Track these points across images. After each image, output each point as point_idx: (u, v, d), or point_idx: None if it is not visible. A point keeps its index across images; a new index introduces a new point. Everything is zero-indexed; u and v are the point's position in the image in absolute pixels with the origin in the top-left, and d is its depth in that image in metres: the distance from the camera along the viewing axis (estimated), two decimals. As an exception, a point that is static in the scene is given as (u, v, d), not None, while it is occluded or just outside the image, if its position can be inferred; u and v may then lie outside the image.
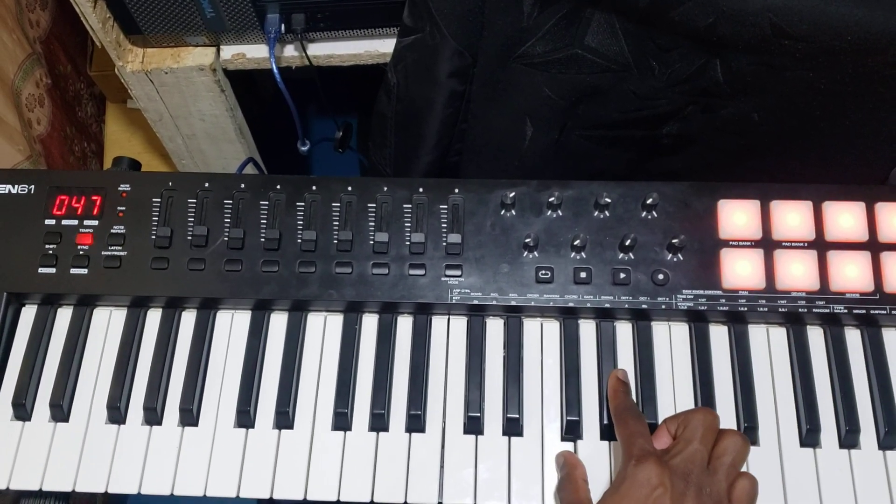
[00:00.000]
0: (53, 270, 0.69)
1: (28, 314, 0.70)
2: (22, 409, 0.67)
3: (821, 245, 0.68)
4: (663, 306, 0.67)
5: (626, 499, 0.55)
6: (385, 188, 0.71)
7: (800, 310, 0.67)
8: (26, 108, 1.12)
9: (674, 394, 0.66)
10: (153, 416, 0.66)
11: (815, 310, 0.67)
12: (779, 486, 0.63)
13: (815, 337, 0.68)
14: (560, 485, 0.62)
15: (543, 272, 0.68)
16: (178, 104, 0.96)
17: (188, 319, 0.70)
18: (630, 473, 0.56)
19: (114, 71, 0.93)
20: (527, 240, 0.68)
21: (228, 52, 0.91)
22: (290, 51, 0.91)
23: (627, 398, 0.63)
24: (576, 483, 0.61)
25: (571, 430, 0.65)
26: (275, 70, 0.85)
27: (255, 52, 0.91)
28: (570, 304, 0.67)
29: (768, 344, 0.68)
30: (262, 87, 1.37)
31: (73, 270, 0.69)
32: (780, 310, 0.67)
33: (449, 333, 0.69)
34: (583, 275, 0.68)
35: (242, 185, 0.71)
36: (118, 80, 0.96)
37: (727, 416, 0.65)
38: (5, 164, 1.02)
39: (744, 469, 0.59)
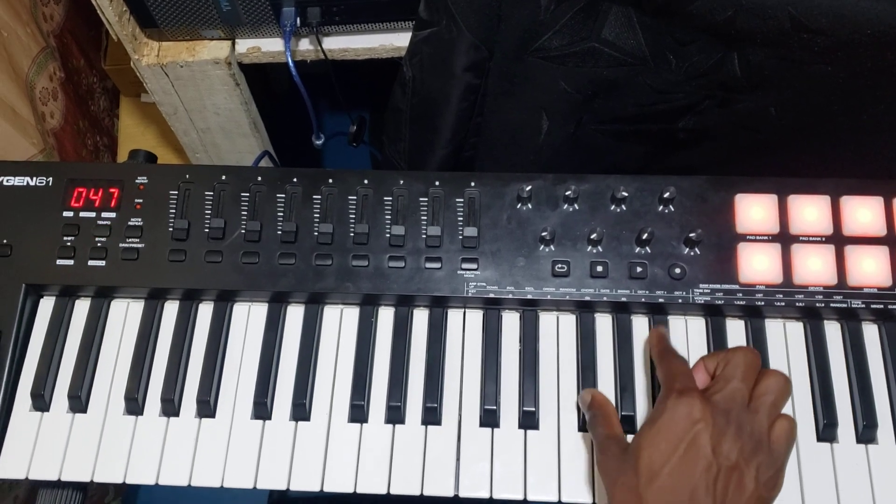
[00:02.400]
0: (71, 262, 0.70)
1: (46, 306, 0.71)
2: (40, 400, 0.67)
3: (838, 240, 0.68)
4: (680, 300, 0.67)
5: (665, 431, 0.55)
6: (401, 181, 0.71)
7: (817, 304, 0.67)
8: (40, 101, 1.13)
9: (690, 388, 0.66)
10: (170, 407, 0.67)
11: (832, 305, 0.66)
12: (796, 481, 0.63)
13: (833, 332, 0.68)
14: (593, 420, 0.61)
15: (560, 266, 0.68)
16: (192, 98, 0.97)
17: (205, 311, 0.70)
18: (670, 406, 0.55)
19: (128, 65, 0.94)
20: (543, 233, 0.68)
21: (244, 45, 0.91)
22: (305, 44, 0.91)
23: (669, 344, 0.63)
24: (610, 418, 0.61)
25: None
26: (290, 63, 0.86)
27: (270, 46, 0.91)
28: (587, 298, 0.67)
29: (785, 339, 0.68)
30: (276, 81, 1.37)
31: (90, 262, 0.70)
32: (797, 304, 0.67)
33: (465, 327, 0.69)
34: (599, 268, 0.68)
35: (259, 178, 0.72)
36: (132, 74, 0.96)
37: (744, 410, 0.65)
38: (20, 158, 1.03)
39: None
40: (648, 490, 0.54)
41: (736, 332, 0.68)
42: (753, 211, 0.69)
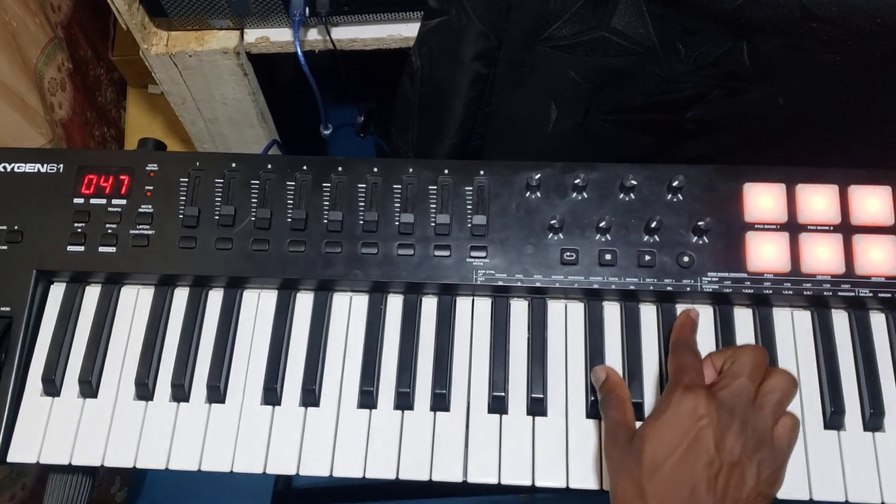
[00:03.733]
0: (82, 249, 0.70)
1: (57, 292, 0.71)
2: (51, 385, 0.67)
3: (846, 228, 0.68)
4: (688, 289, 0.67)
5: (669, 426, 0.55)
6: (410, 170, 0.71)
7: (825, 293, 0.67)
8: (48, 92, 1.13)
9: (698, 375, 0.66)
10: (180, 392, 0.67)
11: (840, 293, 0.67)
12: (803, 468, 0.63)
13: (840, 320, 0.68)
14: (606, 403, 0.61)
15: (568, 254, 0.68)
16: (201, 88, 0.97)
17: (215, 298, 0.71)
18: (675, 401, 0.56)
19: (135, 56, 0.94)
20: (552, 221, 0.68)
21: (252, 35, 0.92)
22: (313, 34, 0.91)
23: (691, 336, 0.63)
24: (623, 403, 0.61)
25: (596, 411, 0.65)
26: (299, 53, 0.86)
27: (278, 36, 0.91)
28: (595, 286, 0.68)
29: (793, 327, 0.68)
30: (283, 71, 1.37)
31: (101, 249, 0.70)
32: (804, 293, 0.67)
33: (473, 314, 0.70)
34: (608, 257, 0.68)
35: (269, 166, 0.72)
36: (139, 64, 0.97)
37: (751, 398, 0.65)
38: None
39: None
40: (650, 482, 0.54)
41: (744, 320, 0.68)
42: (762, 200, 0.69)
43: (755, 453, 0.55)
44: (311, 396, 0.66)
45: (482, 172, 0.71)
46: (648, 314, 0.69)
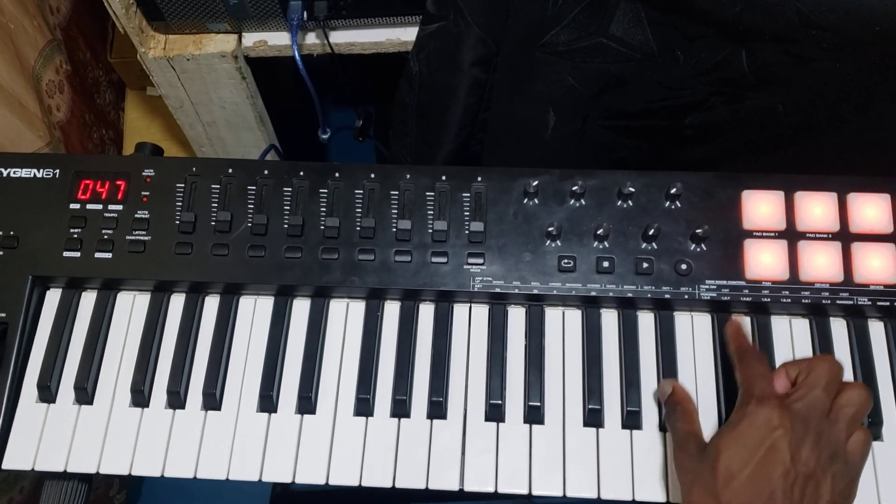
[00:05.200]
0: (78, 254, 0.70)
1: (53, 297, 0.71)
2: (47, 391, 0.67)
3: (845, 236, 0.68)
4: (686, 296, 0.67)
5: (744, 437, 0.55)
6: (408, 176, 0.71)
7: (823, 301, 0.66)
8: (46, 94, 1.13)
9: (696, 384, 0.66)
10: (176, 399, 0.67)
11: (838, 301, 0.66)
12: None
13: (839, 329, 0.68)
14: (673, 415, 0.61)
15: (566, 261, 0.68)
16: (199, 91, 0.97)
17: (211, 304, 0.71)
18: (750, 412, 0.56)
19: (134, 58, 0.94)
20: (549, 228, 0.68)
21: (250, 39, 0.91)
22: (311, 38, 0.91)
23: (747, 341, 0.63)
24: (691, 414, 0.61)
25: (593, 419, 0.65)
26: (297, 57, 0.86)
27: (276, 40, 0.91)
28: (593, 293, 0.67)
29: (791, 335, 0.68)
30: (281, 75, 1.37)
31: (97, 254, 0.70)
32: (803, 301, 0.67)
33: (471, 321, 0.69)
34: (605, 264, 0.68)
35: (266, 172, 0.72)
36: (138, 67, 0.96)
37: (749, 406, 0.65)
38: (26, 150, 1.03)
39: None
40: (726, 491, 0.54)
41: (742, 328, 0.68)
42: (760, 207, 0.69)
43: (829, 466, 0.55)
44: (307, 404, 0.66)
45: (480, 179, 0.71)
46: (646, 322, 0.69)
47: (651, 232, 0.67)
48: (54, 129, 1.13)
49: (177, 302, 0.71)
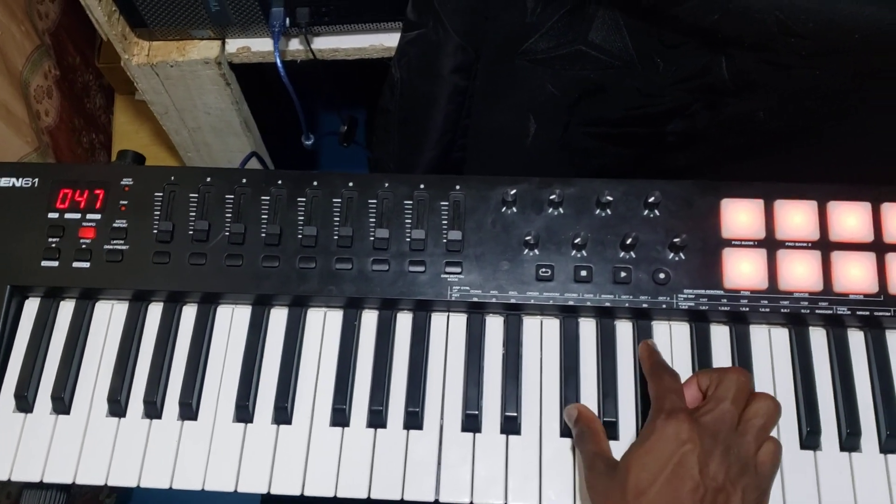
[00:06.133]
0: (56, 264, 0.70)
1: (31, 307, 0.71)
2: (24, 401, 0.67)
3: (825, 245, 0.67)
4: (664, 306, 0.66)
5: (653, 452, 0.55)
6: (386, 184, 0.71)
7: (802, 311, 0.66)
8: (34, 99, 1.13)
9: (673, 394, 0.66)
10: (153, 409, 0.67)
11: (817, 311, 0.66)
12: (778, 488, 0.63)
13: (818, 338, 0.67)
14: (581, 436, 0.61)
15: (544, 270, 0.67)
16: (183, 97, 0.97)
17: (189, 313, 0.70)
18: (659, 427, 0.56)
19: (121, 63, 0.94)
20: (527, 237, 0.67)
21: (233, 45, 0.91)
22: (294, 44, 0.91)
23: (661, 357, 0.63)
24: (597, 434, 0.61)
25: (570, 430, 0.65)
26: (279, 64, 0.85)
27: (260, 46, 0.91)
28: (571, 303, 0.67)
29: (770, 345, 0.68)
30: (268, 81, 1.37)
31: (75, 264, 0.70)
32: (782, 311, 0.66)
33: (448, 331, 0.69)
34: (583, 273, 0.67)
35: (244, 180, 0.71)
36: (125, 72, 0.96)
37: (727, 416, 0.65)
38: (13, 156, 1.03)
39: None
40: None
41: (720, 338, 0.68)
42: (739, 216, 0.68)
43: (739, 479, 0.55)
44: (283, 414, 0.66)
45: (458, 187, 0.70)
46: (624, 331, 0.68)
47: (629, 241, 0.67)
48: (43, 134, 1.13)
49: (154, 311, 0.71)
